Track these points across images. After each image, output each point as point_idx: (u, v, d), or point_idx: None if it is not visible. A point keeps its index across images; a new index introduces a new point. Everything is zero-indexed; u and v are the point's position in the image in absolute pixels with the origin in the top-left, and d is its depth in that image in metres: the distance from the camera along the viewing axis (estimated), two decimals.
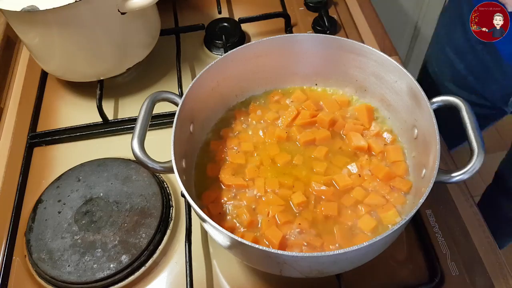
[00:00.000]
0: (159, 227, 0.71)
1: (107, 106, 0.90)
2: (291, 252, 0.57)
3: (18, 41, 1.06)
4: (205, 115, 0.73)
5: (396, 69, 0.66)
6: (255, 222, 0.62)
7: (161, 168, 0.59)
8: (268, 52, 0.73)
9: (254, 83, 0.77)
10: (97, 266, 0.67)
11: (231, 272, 0.69)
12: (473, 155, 0.54)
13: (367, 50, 0.68)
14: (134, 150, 0.59)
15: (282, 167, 0.68)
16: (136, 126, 0.61)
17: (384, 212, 0.62)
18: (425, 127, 0.61)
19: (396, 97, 0.69)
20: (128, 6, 0.79)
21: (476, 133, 0.56)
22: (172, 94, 0.66)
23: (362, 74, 0.72)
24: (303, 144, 0.70)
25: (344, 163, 0.68)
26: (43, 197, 0.76)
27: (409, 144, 0.68)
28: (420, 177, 0.61)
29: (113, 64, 0.88)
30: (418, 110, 0.63)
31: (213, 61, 0.68)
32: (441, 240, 0.70)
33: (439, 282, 0.65)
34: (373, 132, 0.71)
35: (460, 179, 0.54)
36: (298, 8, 1.06)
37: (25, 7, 0.71)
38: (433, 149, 0.57)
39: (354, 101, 0.76)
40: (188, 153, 0.67)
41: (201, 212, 0.53)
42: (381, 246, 0.56)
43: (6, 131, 0.90)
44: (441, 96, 0.61)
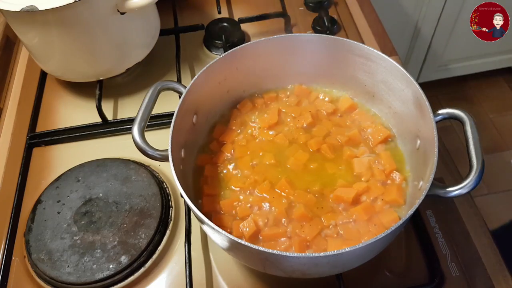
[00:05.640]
0: (158, 228, 0.71)
1: (107, 106, 0.90)
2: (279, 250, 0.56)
3: (18, 41, 1.06)
4: (210, 107, 0.73)
5: (404, 77, 0.65)
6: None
7: (160, 155, 0.60)
8: (278, 50, 0.72)
9: (262, 80, 0.76)
10: (96, 266, 0.67)
11: (230, 272, 0.69)
12: (471, 171, 0.54)
13: (376, 55, 0.67)
14: (134, 137, 0.59)
15: (281, 167, 0.68)
16: (138, 113, 0.61)
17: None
18: (427, 138, 0.60)
19: (403, 106, 0.68)
20: (128, 6, 0.79)
21: (477, 149, 0.56)
22: (178, 83, 0.67)
23: (371, 80, 0.71)
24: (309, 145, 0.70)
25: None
26: (43, 198, 0.76)
27: (409, 154, 0.68)
28: (417, 188, 0.61)
29: (113, 64, 0.88)
30: (422, 120, 0.62)
31: (215, 59, 0.68)
32: (441, 240, 0.69)
33: (439, 282, 0.65)
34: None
35: (456, 194, 0.54)
36: (298, 8, 1.06)
37: (25, 7, 0.71)
38: (431, 161, 0.56)
39: (361, 106, 0.75)
40: (188, 143, 0.67)
41: (198, 212, 0.53)
42: (365, 253, 0.56)
43: (6, 131, 0.89)
44: (447, 109, 0.60)
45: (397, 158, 0.68)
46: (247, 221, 0.61)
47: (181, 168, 0.62)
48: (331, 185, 0.66)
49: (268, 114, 0.74)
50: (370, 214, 0.62)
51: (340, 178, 0.66)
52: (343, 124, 0.73)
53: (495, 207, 1.81)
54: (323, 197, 0.64)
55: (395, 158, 0.68)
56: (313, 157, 0.69)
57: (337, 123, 0.73)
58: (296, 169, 0.68)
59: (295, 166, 0.68)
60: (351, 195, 0.63)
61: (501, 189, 1.86)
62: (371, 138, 0.71)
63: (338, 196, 0.64)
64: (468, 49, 1.92)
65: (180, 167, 0.61)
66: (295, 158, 0.68)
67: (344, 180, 0.66)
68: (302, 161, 0.68)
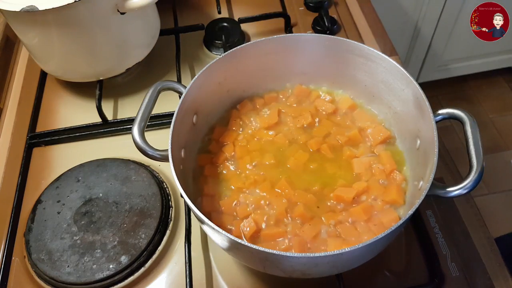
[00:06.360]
0: (158, 228, 0.71)
1: (107, 106, 0.90)
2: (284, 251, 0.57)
3: (18, 41, 1.06)
4: (210, 108, 0.73)
5: (404, 77, 0.65)
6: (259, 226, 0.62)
7: (160, 155, 0.60)
8: (278, 50, 0.72)
9: (262, 80, 0.76)
10: (96, 266, 0.67)
11: (230, 272, 0.69)
12: (471, 171, 0.54)
13: (376, 55, 0.67)
14: (134, 137, 0.60)
15: (281, 167, 0.68)
16: (138, 113, 0.61)
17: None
18: (427, 138, 0.60)
19: (403, 106, 0.68)
20: (128, 6, 0.79)
21: (477, 149, 0.55)
22: (178, 83, 0.67)
23: (371, 80, 0.71)
24: (309, 145, 0.70)
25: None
26: (43, 198, 0.76)
27: (409, 154, 0.67)
28: (417, 188, 0.61)
29: (113, 64, 0.88)
30: (422, 120, 0.62)
31: (215, 59, 0.68)
32: (441, 240, 0.69)
33: (439, 282, 0.65)
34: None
35: (456, 195, 0.54)
36: (298, 8, 1.06)
37: (25, 7, 0.71)
38: (431, 161, 0.56)
39: (360, 106, 0.75)
40: (188, 143, 0.67)
41: (198, 212, 0.53)
42: (362, 255, 0.56)
43: (6, 132, 0.89)
44: (447, 109, 0.60)
45: (397, 158, 0.68)
46: (247, 221, 0.61)
47: (181, 168, 0.62)
48: (331, 185, 0.66)
49: (268, 114, 0.74)
50: (370, 214, 0.62)
51: (340, 178, 0.66)
52: (343, 124, 0.73)
53: (495, 207, 1.81)
54: (323, 197, 0.65)
55: (395, 158, 0.68)
56: (313, 157, 0.69)
57: (337, 123, 0.73)
58: (296, 169, 0.68)
59: (295, 166, 0.68)
60: (351, 195, 0.63)
61: (501, 189, 1.86)
62: (371, 138, 0.71)
63: (338, 196, 0.64)
64: (468, 49, 1.92)
65: (180, 167, 0.61)
66: (295, 158, 0.68)
67: (344, 180, 0.66)
68: (302, 161, 0.68)
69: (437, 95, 2.19)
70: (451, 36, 1.83)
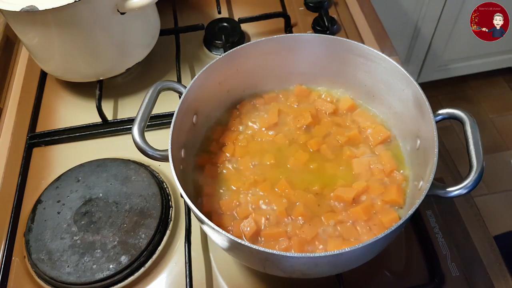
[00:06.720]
0: (158, 228, 0.71)
1: (107, 106, 0.90)
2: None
3: (18, 41, 1.06)
4: (210, 108, 0.73)
5: (404, 77, 0.65)
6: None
7: (160, 155, 0.60)
8: (278, 50, 0.72)
9: (262, 80, 0.76)
10: (96, 266, 0.67)
11: (230, 272, 0.69)
12: (471, 171, 0.54)
13: (376, 55, 0.67)
14: (134, 137, 0.60)
15: (281, 167, 0.68)
16: (138, 113, 0.61)
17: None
18: (427, 138, 0.60)
19: (403, 106, 0.68)
20: (128, 6, 0.79)
21: (477, 149, 0.55)
22: (178, 83, 0.67)
23: (371, 80, 0.71)
24: (309, 145, 0.70)
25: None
26: (43, 198, 0.76)
27: (409, 154, 0.67)
28: (417, 188, 0.61)
29: (113, 64, 0.88)
30: (422, 120, 0.62)
31: (215, 59, 0.68)
32: (441, 240, 0.69)
33: (439, 282, 0.65)
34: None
35: (456, 195, 0.54)
36: (298, 8, 1.06)
37: (25, 7, 0.71)
38: (431, 161, 0.56)
39: (360, 106, 0.75)
40: (188, 143, 0.67)
41: (198, 212, 0.53)
42: (362, 255, 0.56)
43: (6, 132, 0.89)
44: (447, 109, 0.60)
45: (397, 158, 0.68)
46: (247, 221, 0.61)
47: (181, 168, 0.62)
48: (331, 185, 0.66)
49: (268, 114, 0.74)
50: (370, 214, 0.62)
51: (340, 178, 0.66)
52: (343, 124, 0.73)
53: (495, 207, 1.81)
54: (323, 197, 0.64)
55: (395, 158, 0.68)
56: (313, 157, 0.69)
57: (337, 123, 0.73)
58: (296, 169, 0.68)
59: (295, 166, 0.68)
60: (351, 195, 0.63)
61: (501, 189, 1.86)
62: (371, 138, 0.71)
63: (338, 196, 0.64)
64: (468, 49, 1.92)
65: (180, 167, 0.61)
66: (295, 158, 0.68)
67: (344, 180, 0.66)
68: (302, 161, 0.68)
69: (437, 95, 2.19)
70: (451, 36, 1.83)
